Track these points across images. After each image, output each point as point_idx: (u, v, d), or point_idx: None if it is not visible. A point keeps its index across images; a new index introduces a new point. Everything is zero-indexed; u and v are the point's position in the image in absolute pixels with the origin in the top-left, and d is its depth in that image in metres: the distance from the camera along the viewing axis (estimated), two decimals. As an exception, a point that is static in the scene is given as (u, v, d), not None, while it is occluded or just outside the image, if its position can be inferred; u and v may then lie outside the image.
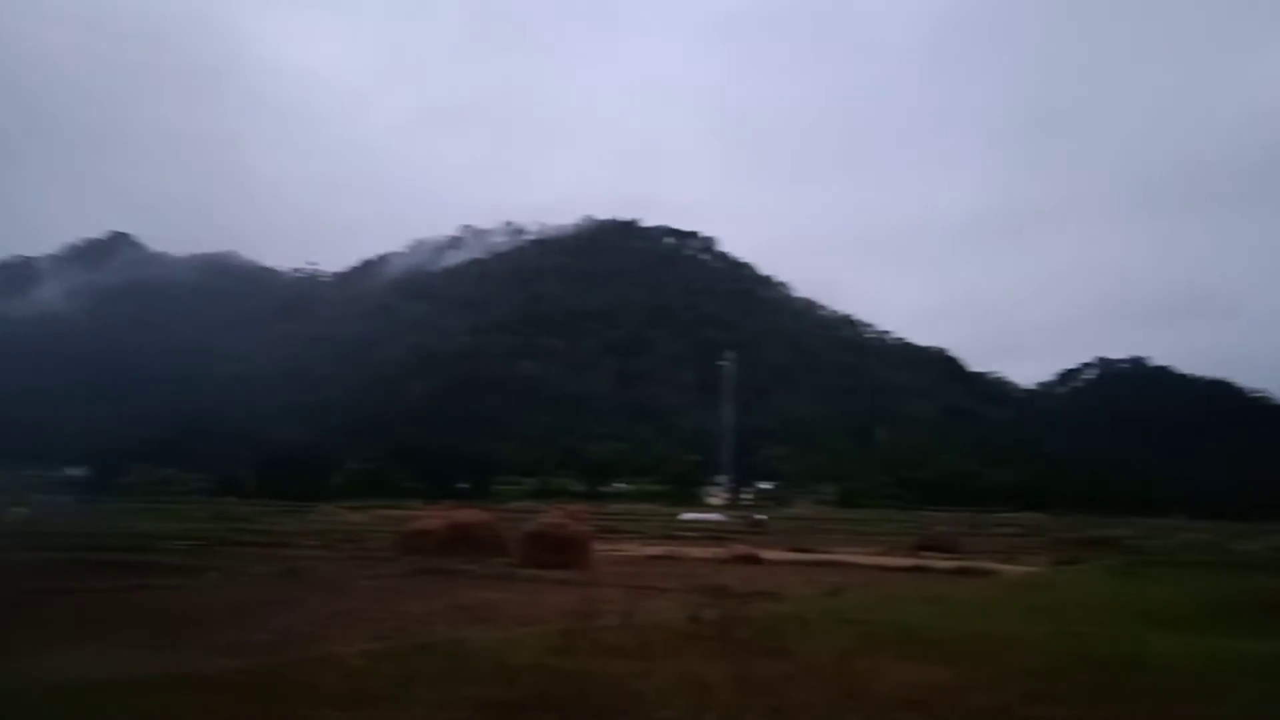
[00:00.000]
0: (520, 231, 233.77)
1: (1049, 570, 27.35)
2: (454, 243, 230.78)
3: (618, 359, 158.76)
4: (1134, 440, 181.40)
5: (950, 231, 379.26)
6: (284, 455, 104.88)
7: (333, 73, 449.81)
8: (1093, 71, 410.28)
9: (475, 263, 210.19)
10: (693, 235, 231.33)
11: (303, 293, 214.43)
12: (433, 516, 32.24)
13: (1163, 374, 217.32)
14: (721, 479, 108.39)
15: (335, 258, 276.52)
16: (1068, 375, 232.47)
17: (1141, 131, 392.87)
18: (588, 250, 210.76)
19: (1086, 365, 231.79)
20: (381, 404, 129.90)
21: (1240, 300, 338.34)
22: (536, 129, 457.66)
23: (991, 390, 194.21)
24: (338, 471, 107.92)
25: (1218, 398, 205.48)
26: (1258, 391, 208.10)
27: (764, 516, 69.10)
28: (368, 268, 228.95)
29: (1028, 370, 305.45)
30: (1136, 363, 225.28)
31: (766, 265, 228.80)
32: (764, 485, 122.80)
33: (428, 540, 27.62)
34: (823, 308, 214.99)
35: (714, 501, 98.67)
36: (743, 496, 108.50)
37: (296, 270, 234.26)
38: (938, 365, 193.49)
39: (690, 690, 7.96)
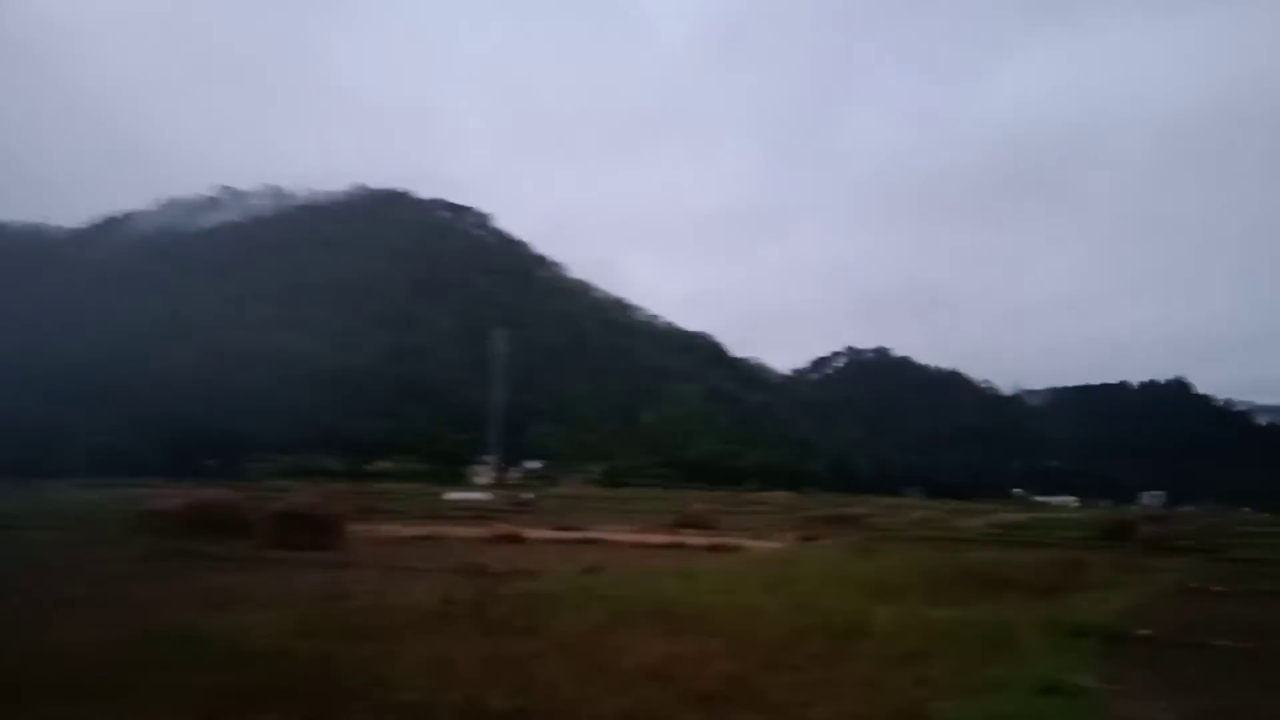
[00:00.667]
0: (284, 196, 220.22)
1: (794, 546, 29.08)
2: (210, 204, 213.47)
3: (386, 333, 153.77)
4: (877, 424, 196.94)
5: (717, 220, 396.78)
6: (6, 428, 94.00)
7: (73, 17, 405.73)
8: (849, 75, 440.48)
9: (233, 227, 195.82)
10: (468, 210, 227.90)
11: (30, 249, 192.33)
12: (172, 496, 30.08)
13: (904, 364, 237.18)
14: (489, 458, 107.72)
15: (71, 214, 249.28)
16: (819, 363, 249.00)
17: (891, 137, 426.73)
18: (357, 219, 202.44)
19: (836, 354, 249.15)
20: (124, 375, 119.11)
21: (975, 298, 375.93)
22: (305, 92, 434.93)
23: (751, 375, 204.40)
24: (71, 447, 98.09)
25: (951, 387, 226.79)
26: (986, 382, 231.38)
27: (531, 496, 69.31)
28: (110, 226, 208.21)
29: (784, 357, 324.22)
30: (881, 353, 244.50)
31: (542, 245, 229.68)
32: (532, 465, 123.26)
33: (166, 521, 25.67)
34: (596, 289, 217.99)
35: (481, 481, 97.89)
36: (510, 476, 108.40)
37: (25, 224, 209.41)
38: (703, 350, 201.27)
39: (436, 671, 7.84)
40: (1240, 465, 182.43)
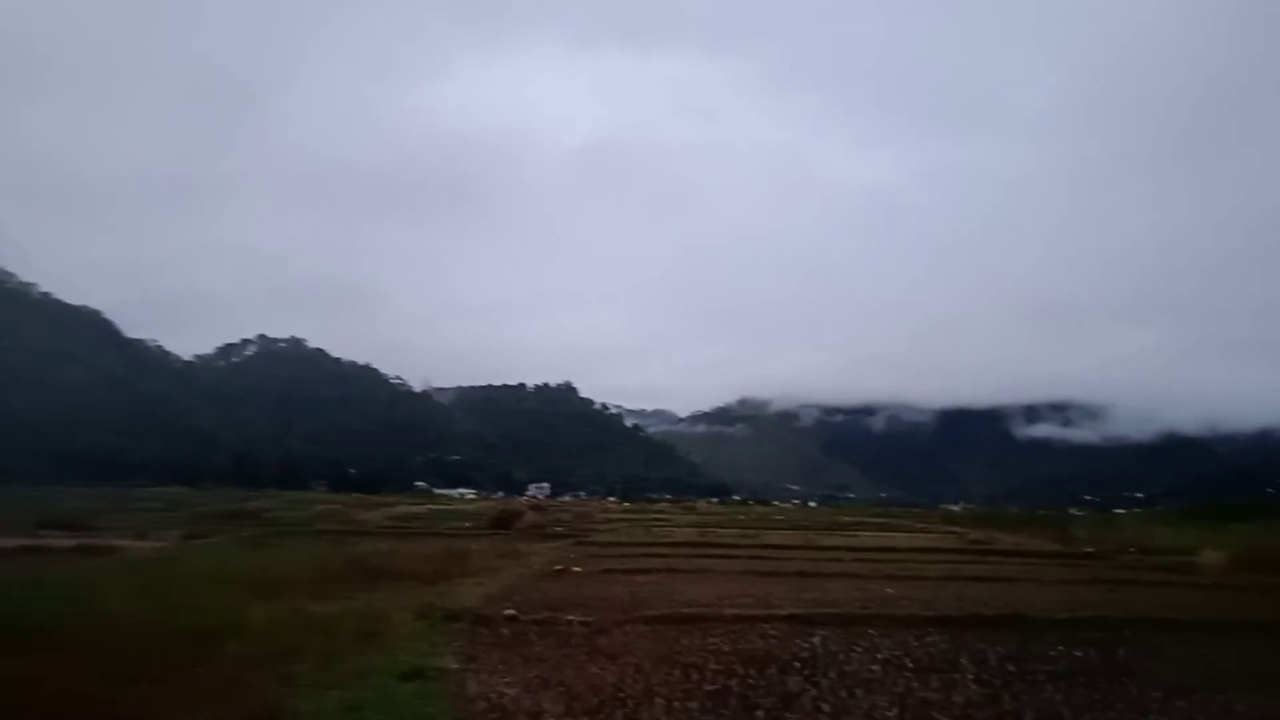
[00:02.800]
0: None
1: (179, 545, 27.08)
2: None
3: None
4: (288, 416, 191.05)
5: (121, 186, 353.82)
6: None
7: None
8: (287, 58, 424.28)
9: None
10: None
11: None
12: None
13: (318, 355, 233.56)
14: None
15: None
16: (228, 350, 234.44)
17: (324, 128, 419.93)
18: None
19: (247, 341, 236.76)
20: None
21: (394, 296, 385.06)
22: None
23: (149, 359, 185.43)
24: None
25: (364, 381, 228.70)
26: (398, 378, 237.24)
27: None
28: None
29: (189, 342, 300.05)
30: (295, 343, 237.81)
31: None
32: None
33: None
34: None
35: None
36: None
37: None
38: (90, 328, 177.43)
39: None
40: (612, 460, 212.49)
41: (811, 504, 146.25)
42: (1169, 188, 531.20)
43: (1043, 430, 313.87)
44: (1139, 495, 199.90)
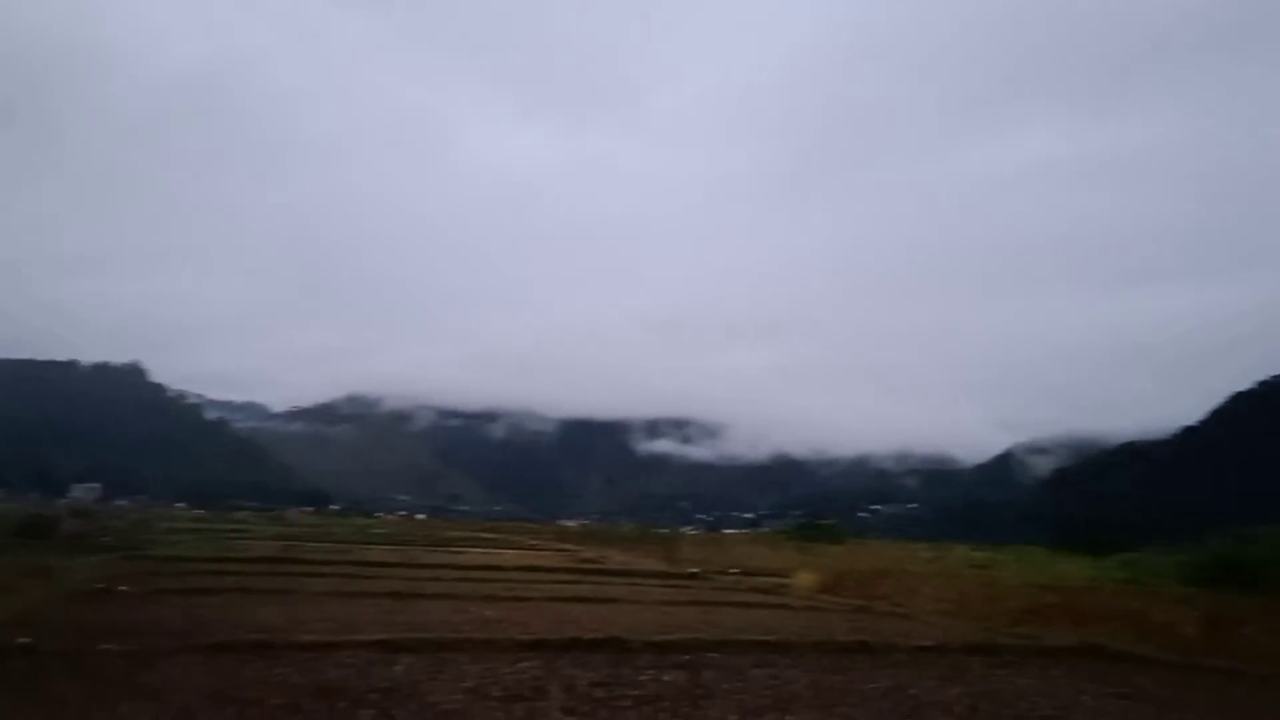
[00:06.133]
0: None
1: None
2: None
3: None
4: None
5: None
6: None
7: None
8: None
9: None
10: None
11: None
12: None
13: None
14: None
15: None
16: None
17: None
18: None
19: None
20: None
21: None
22: None
23: None
24: None
25: None
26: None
27: None
28: None
29: None
30: None
31: None
32: None
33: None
34: None
35: None
36: None
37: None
38: None
39: None
40: (186, 459, 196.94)
41: (420, 516, 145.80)
42: (801, 210, 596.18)
43: (663, 446, 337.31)
44: (748, 515, 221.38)
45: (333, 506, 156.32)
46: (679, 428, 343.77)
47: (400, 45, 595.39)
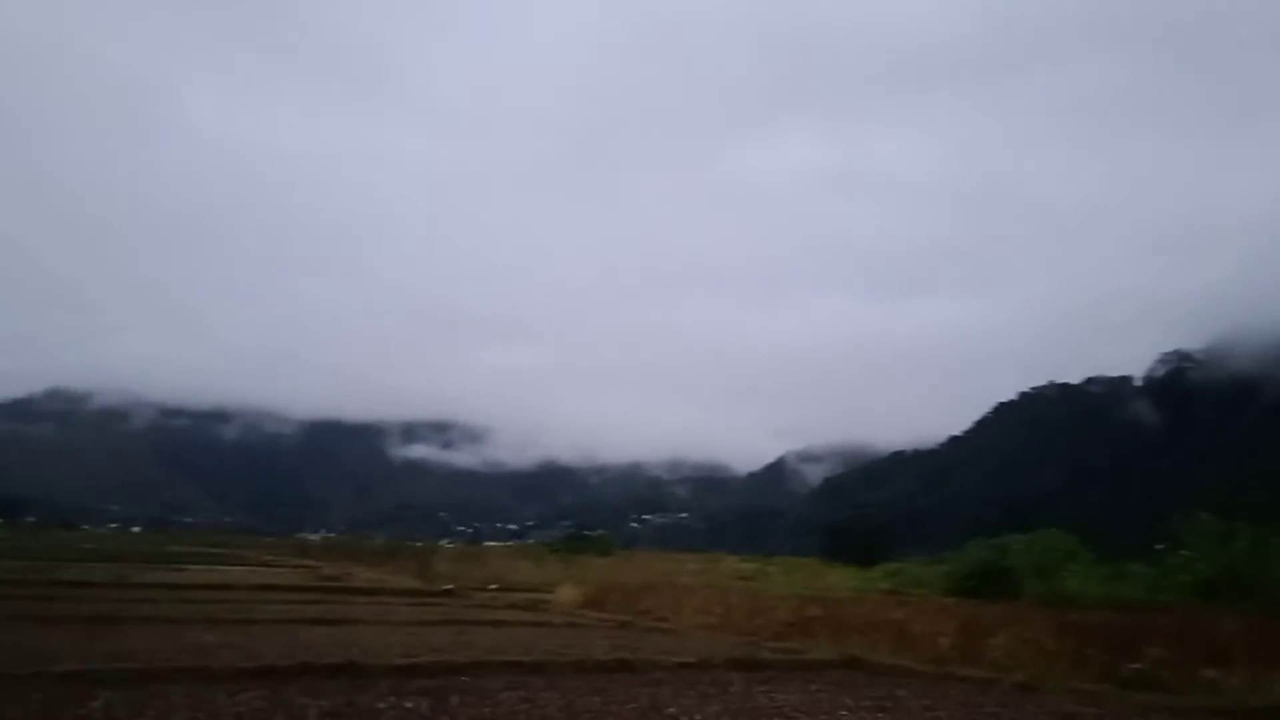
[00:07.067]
0: None
1: None
2: None
3: None
4: None
5: None
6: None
7: None
8: None
9: None
10: None
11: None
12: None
13: None
14: None
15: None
16: None
17: None
18: None
19: None
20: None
21: None
22: None
23: None
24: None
25: None
26: None
27: None
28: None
29: None
30: None
31: None
32: None
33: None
34: None
35: None
36: None
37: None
38: None
39: None
40: None
41: (136, 529, 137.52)
42: (570, 208, 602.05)
43: (421, 451, 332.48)
44: (512, 526, 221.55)
45: (29, 518, 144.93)
46: (439, 431, 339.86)
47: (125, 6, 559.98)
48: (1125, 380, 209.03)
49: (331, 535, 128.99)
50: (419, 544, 71.31)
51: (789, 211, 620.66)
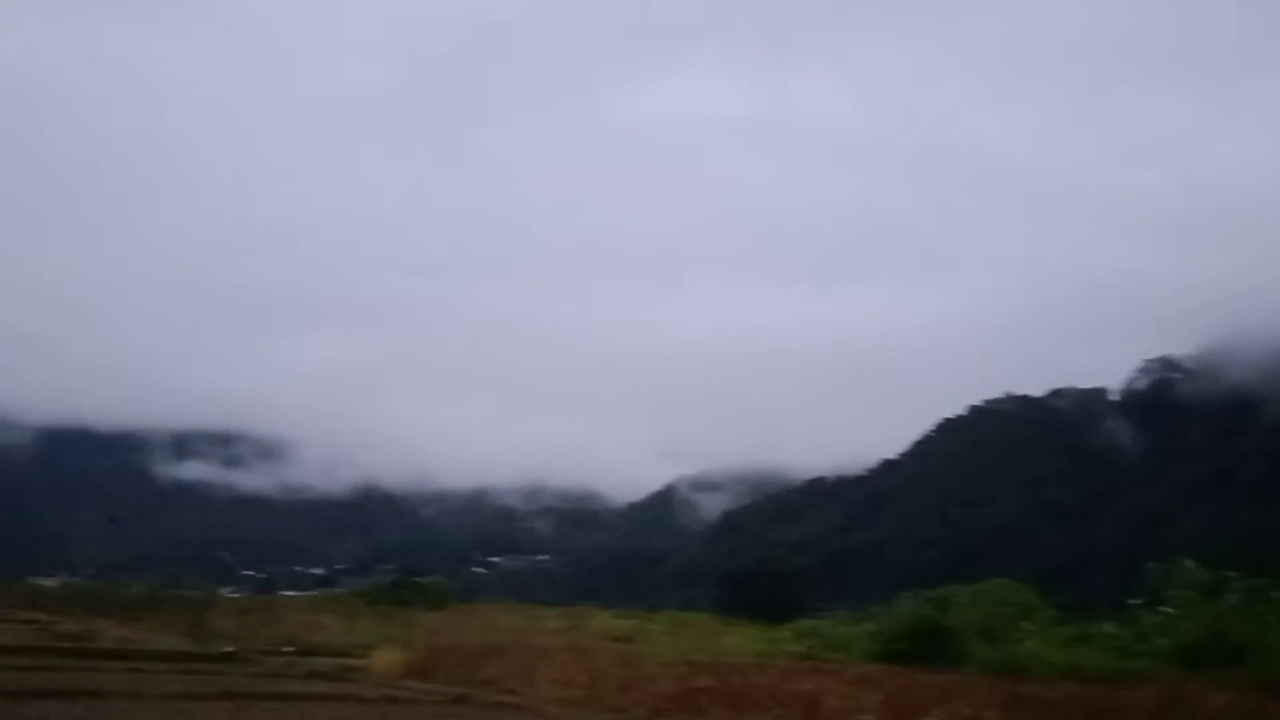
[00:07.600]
0: None
1: None
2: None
3: None
4: None
5: None
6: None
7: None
8: None
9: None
10: None
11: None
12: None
13: None
14: None
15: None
16: None
17: None
18: None
19: None
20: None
21: None
22: None
23: None
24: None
25: None
26: None
27: None
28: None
29: None
30: None
31: None
32: None
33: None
34: None
35: None
36: None
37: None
38: None
39: None
40: None
41: None
42: (409, 159, 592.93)
43: (196, 470, 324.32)
44: (317, 571, 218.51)
45: None
46: (221, 445, 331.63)
47: None
48: (1099, 393, 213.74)
49: (73, 580, 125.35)
50: (191, 593, 69.76)
51: (689, 172, 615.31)
